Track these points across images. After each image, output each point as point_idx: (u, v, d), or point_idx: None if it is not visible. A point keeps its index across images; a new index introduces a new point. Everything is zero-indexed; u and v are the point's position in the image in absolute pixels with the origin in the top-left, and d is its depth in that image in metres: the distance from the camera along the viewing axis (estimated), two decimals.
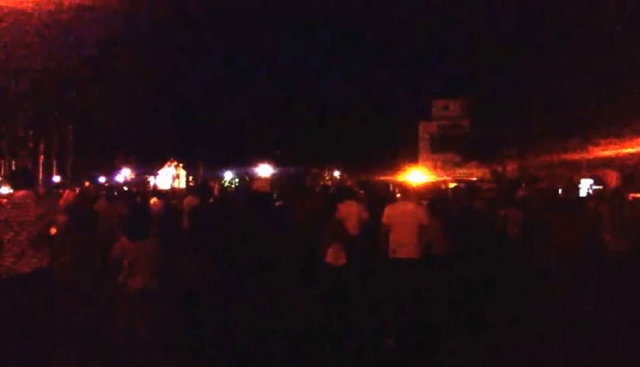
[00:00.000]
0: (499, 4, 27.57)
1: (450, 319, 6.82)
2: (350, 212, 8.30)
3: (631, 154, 21.97)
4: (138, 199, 13.95)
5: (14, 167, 35.33)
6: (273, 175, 42.32)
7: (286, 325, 6.63)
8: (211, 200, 10.27)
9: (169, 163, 46.62)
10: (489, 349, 6.13)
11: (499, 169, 30.95)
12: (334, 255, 7.20)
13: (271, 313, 6.93)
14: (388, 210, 7.35)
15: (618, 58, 20.33)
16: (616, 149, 21.98)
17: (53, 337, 5.36)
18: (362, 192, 12.75)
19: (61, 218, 7.58)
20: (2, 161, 34.85)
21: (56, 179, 34.24)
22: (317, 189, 15.17)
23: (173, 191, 28.13)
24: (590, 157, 23.79)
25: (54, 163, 38.27)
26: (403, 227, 7.14)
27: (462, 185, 16.07)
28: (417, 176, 31.57)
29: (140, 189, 26.06)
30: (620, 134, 21.30)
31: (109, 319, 5.80)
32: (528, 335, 6.46)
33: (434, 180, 34.85)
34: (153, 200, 12.60)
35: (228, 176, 46.71)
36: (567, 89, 22.49)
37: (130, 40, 23.71)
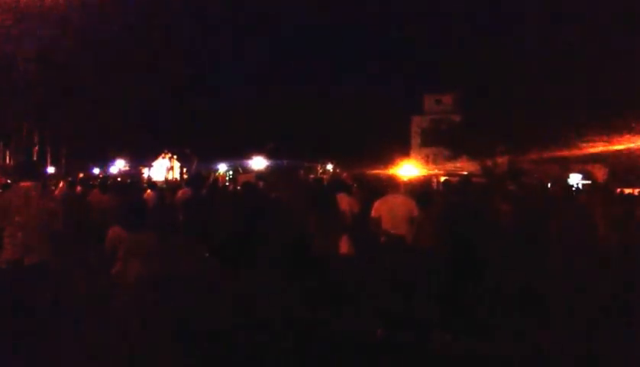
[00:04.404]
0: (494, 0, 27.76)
1: (443, 311, 6.93)
2: (342, 204, 8.44)
3: (619, 150, 22.20)
4: (132, 189, 13.98)
5: (8, 159, 35.26)
6: (267, 168, 42.43)
7: (281, 316, 6.74)
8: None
9: (163, 155, 46.62)
10: (481, 342, 6.21)
11: (489, 163, 31.11)
12: (348, 247, 7.34)
13: (265, 303, 7.04)
14: (377, 204, 7.49)
15: (609, 55, 20.52)
16: (605, 145, 22.21)
17: (49, 328, 5.41)
18: (355, 185, 12.88)
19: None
20: None
21: (51, 170, 34.20)
22: (310, 182, 15.28)
23: (167, 183, 28.21)
24: (579, 152, 24.00)
25: (48, 154, 38.17)
26: (393, 219, 7.29)
27: (453, 178, 16.22)
28: (409, 169, 31.83)
29: (134, 180, 26.09)
30: (608, 130, 21.53)
31: (104, 310, 5.86)
32: (518, 328, 6.55)
33: (425, 174, 35.09)
34: (147, 192, 12.65)
35: (222, 168, 46.75)
36: (557, 86, 22.66)
37: (125, 31, 23.68)
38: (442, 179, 23.68)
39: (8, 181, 16.68)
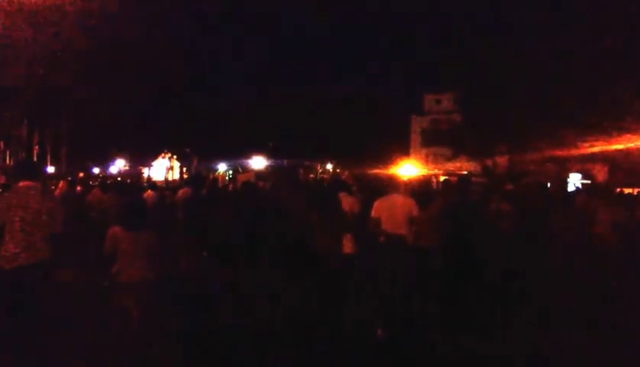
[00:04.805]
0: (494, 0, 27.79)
1: (443, 311, 6.93)
2: (343, 203, 8.44)
3: (619, 150, 22.21)
4: (132, 189, 13.99)
5: (7, 158, 35.28)
6: (266, 167, 42.50)
7: (281, 316, 6.77)
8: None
9: (163, 154, 46.67)
10: (481, 342, 6.20)
11: (489, 163, 31.14)
12: (350, 246, 7.36)
13: (265, 303, 7.05)
14: (377, 204, 7.49)
15: (608, 54, 20.52)
16: (605, 144, 22.22)
17: (49, 327, 5.41)
18: (355, 185, 12.88)
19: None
20: None
21: (51, 170, 34.27)
22: (311, 182, 15.32)
23: (167, 183, 28.24)
24: (579, 152, 24.02)
25: (48, 154, 38.22)
26: (393, 219, 7.29)
27: (452, 178, 16.27)
28: (409, 169, 31.89)
29: (134, 180, 26.14)
30: (608, 129, 21.53)
31: (104, 309, 5.85)
32: (518, 328, 6.59)
33: (425, 174, 35.14)
34: (147, 192, 12.67)
35: (222, 168, 46.81)
36: (557, 85, 22.68)
37: (125, 31, 23.68)
38: (442, 179, 23.70)
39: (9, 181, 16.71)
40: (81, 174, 25.60)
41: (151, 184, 16.65)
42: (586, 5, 21.32)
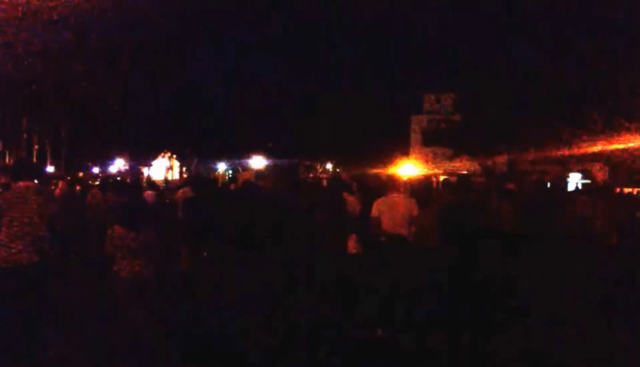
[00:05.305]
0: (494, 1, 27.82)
1: (443, 311, 6.92)
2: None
3: (619, 150, 22.23)
4: (132, 189, 13.96)
5: (7, 158, 35.29)
6: (266, 167, 42.54)
7: (281, 316, 6.78)
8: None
9: (162, 154, 46.65)
10: (481, 342, 6.21)
11: (489, 163, 31.14)
12: (356, 247, 7.35)
13: (267, 302, 7.05)
14: (377, 204, 7.50)
15: (608, 53, 20.54)
16: (604, 144, 22.23)
17: (49, 327, 5.43)
18: (354, 184, 12.86)
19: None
20: None
21: (50, 169, 34.28)
22: (310, 181, 15.30)
23: (167, 182, 28.25)
24: (579, 152, 24.03)
25: (48, 153, 38.21)
26: (393, 219, 7.29)
27: (452, 178, 16.27)
28: (409, 169, 31.93)
29: (133, 179, 26.06)
30: (608, 129, 21.55)
31: (104, 309, 5.88)
32: (518, 328, 6.56)
33: (425, 173, 35.13)
34: (147, 192, 12.64)
35: (222, 167, 46.82)
36: (556, 85, 22.69)
37: (126, 30, 23.71)
38: (442, 179, 23.72)
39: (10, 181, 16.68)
40: (80, 174, 25.60)
41: (151, 184, 16.62)
42: (586, 5, 21.33)
